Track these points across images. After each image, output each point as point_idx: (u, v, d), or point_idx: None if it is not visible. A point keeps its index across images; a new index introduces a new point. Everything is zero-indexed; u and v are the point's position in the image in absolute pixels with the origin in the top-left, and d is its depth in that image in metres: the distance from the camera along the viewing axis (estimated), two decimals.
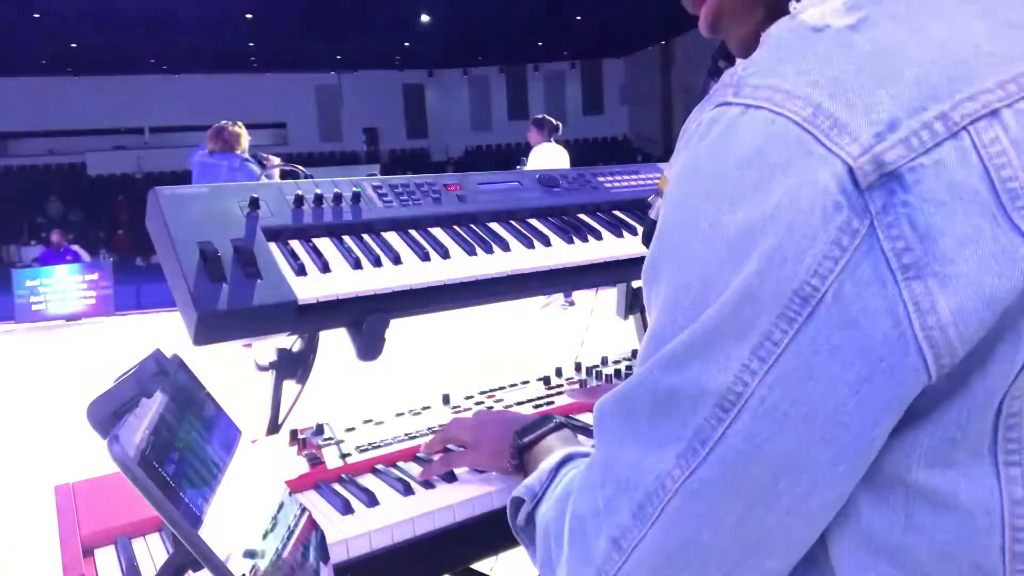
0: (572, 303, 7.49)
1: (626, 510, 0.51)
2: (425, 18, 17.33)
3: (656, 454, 0.49)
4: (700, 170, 0.49)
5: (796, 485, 0.46)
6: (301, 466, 0.96)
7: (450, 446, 0.96)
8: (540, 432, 0.83)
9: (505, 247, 1.14)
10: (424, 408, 1.18)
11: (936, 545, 0.46)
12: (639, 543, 0.50)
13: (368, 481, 0.93)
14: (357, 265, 1.02)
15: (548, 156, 6.45)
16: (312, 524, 0.72)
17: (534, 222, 1.24)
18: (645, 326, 1.59)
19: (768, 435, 0.45)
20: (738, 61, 0.59)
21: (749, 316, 0.44)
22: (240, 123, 5.18)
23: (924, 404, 0.44)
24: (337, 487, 0.91)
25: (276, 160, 4.99)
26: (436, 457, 0.94)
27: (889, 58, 0.44)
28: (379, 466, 0.97)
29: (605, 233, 1.25)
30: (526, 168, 6.27)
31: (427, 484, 0.90)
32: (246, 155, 5.08)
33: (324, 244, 1.06)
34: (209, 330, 0.89)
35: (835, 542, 0.49)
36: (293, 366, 1.22)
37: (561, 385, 1.25)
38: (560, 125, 6.70)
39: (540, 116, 6.79)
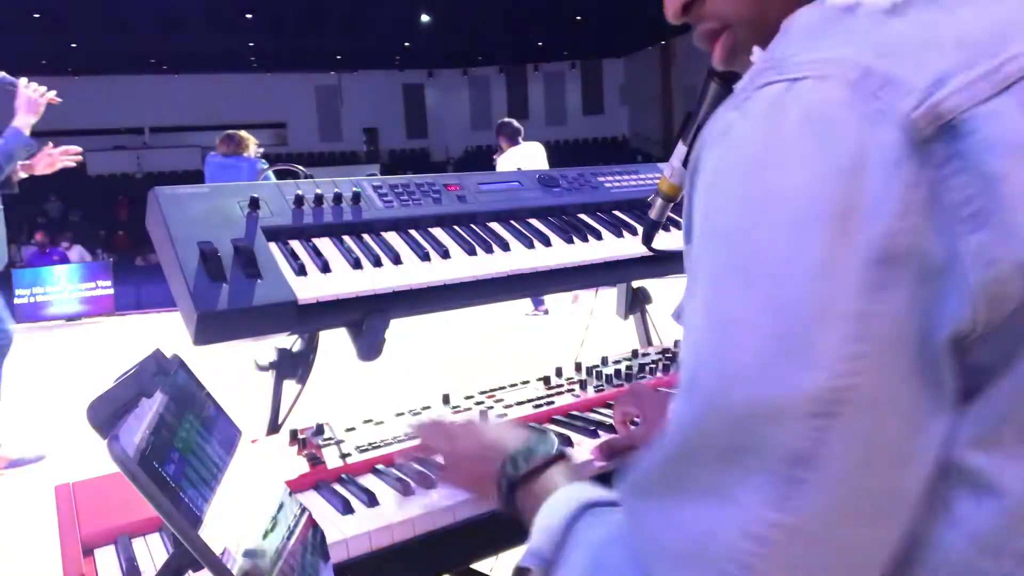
0: (546, 311, 7.04)
1: None
2: (425, 18, 17.33)
3: (732, 504, 0.42)
4: (747, 144, 0.45)
5: (901, 436, 0.42)
6: (301, 466, 0.96)
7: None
8: (536, 465, 0.68)
9: (505, 247, 1.14)
10: (424, 408, 1.18)
11: (979, 533, 0.44)
12: None
13: (368, 481, 0.93)
14: (357, 265, 1.02)
15: (516, 160, 6.09)
16: (312, 524, 0.72)
17: (534, 222, 1.24)
18: (645, 326, 1.60)
19: (867, 419, 0.41)
20: (756, 51, 0.58)
21: (828, 294, 0.41)
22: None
23: (973, 381, 0.43)
24: (337, 487, 0.91)
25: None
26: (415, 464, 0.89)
27: (930, 29, 0.45)
28: (379, 466, 0.97)
29: (605, 233, 1.25)
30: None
31: (427, 484, 0.90)
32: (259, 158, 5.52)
33: (324, 244, 1.05)
34: (209, 330, 0.89)
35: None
36: (293, 366, 1.22)
37: (561, 385, 1.25)
38: (521, 128, 6.38)
39: (500, 121, 6.48)
